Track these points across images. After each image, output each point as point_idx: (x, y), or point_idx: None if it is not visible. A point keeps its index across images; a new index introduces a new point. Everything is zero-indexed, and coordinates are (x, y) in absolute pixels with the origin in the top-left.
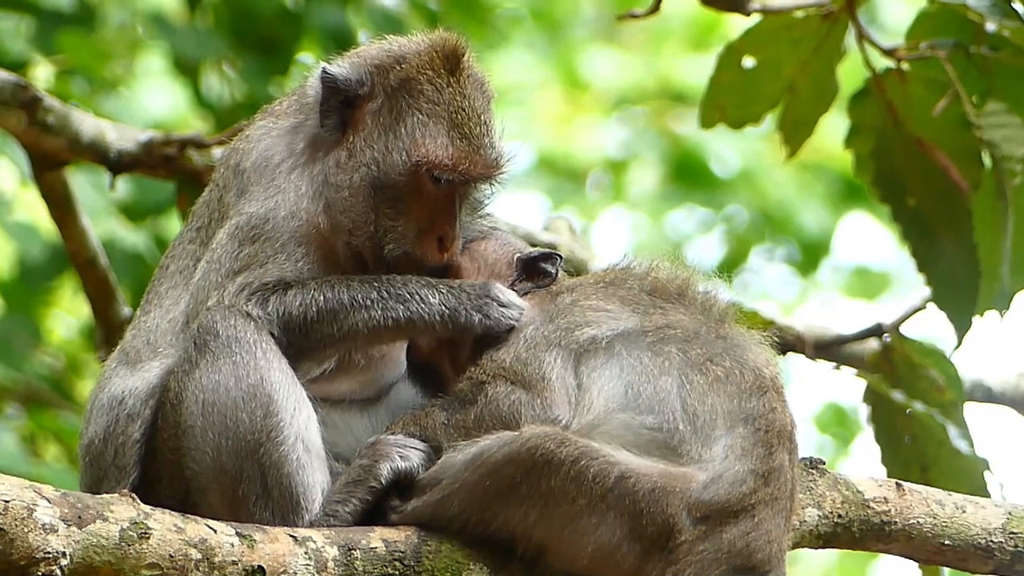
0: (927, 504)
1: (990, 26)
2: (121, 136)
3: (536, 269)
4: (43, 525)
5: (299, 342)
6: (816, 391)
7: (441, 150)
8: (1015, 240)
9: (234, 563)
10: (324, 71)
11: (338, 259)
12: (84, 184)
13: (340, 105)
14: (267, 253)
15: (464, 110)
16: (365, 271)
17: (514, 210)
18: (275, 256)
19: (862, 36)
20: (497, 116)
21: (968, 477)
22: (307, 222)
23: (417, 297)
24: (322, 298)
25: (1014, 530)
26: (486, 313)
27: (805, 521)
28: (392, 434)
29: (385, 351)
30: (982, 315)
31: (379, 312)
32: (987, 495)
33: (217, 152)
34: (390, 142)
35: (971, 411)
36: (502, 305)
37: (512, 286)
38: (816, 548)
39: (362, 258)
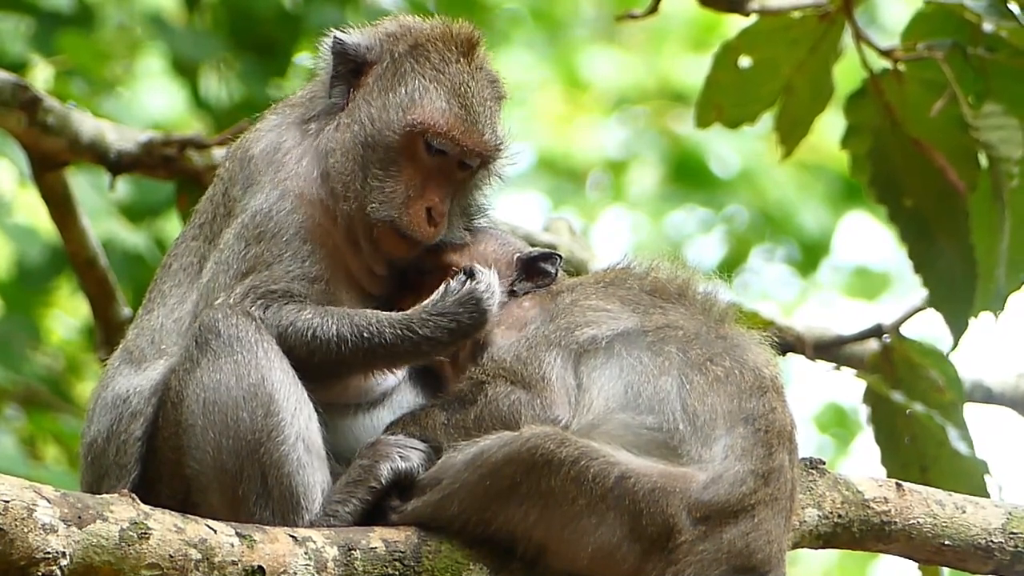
0: (927, 504)
1: (987, 27)
2: (121, 136)
3: (536, 269)
4: (43, 525)
5: (292, 359)
6: (816, 391)
7: (438, 114)
8: (1011, 241)
9: (234, 563)
10: (335, 38)
11: (343, 254)
12: (84, 185)
13: (349, 74)
14: (273, 253)
15: (469, 87)
16: (365, 261)
17: (514, 210)
18: (281, 256)
19: (859, 36)
20: (505, 116)
21: (968, 478)
22: (311, 215)
23: (408, 348)
24: (310, 333)
25: (1014, 530)
26: (474, 312)
27: (805, 521)
28: (392, 434)
29: None
30: (978, 316)
31: (367, 357)
32: (987, 496)
33: (217, 152)
34: (388, 100)
35: (971, 412)
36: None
37: (512, 286)
38: (816, 548)
39: (356, 236)
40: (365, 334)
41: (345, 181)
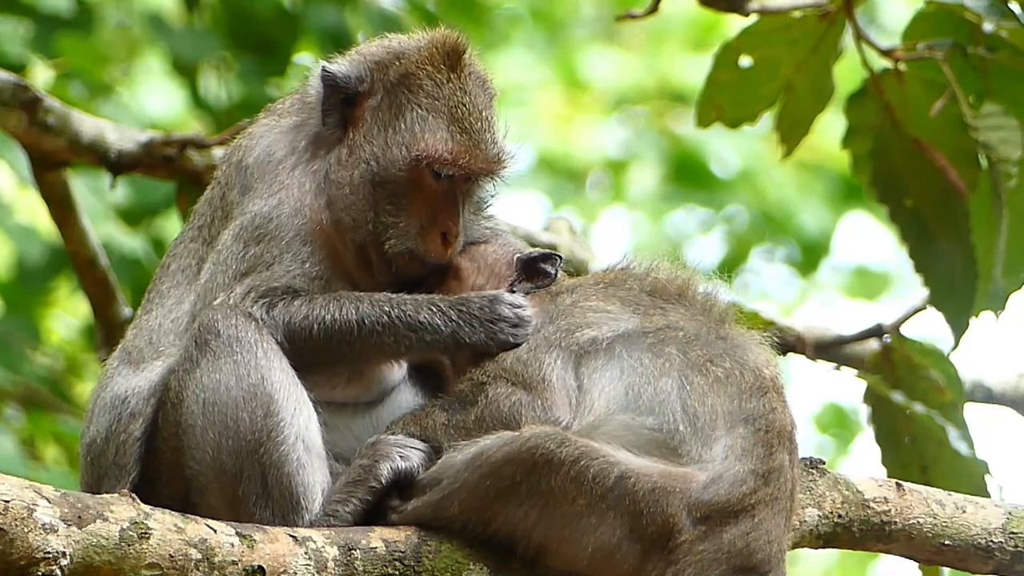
0: (927, 504)
1: (987, 26)
2: (121, 136)
3: (536, 269)
4: (43, 525)
5: (302, 354)
6: (816, 391)
7: (441, 144)
8: (1010, 241)
9: (234, 563)
10: (324, 69)
11: (343, 257)
12: (82, 188)
13: (341, 103)
14: (273, 253)
15: (465, 105)
16: (370, 268)
17: (514, 210)
18: (281, 256)
19: (860, 36)
20: (499, 114)
21: (968, 478)
22: (311, 219)
23: (429, 326)
24: (328, 316)
25: (1014, 530)
26: (494, 336)
27: (805, 521)
28: (392, 434)
29: None
30: (978, 316)
31: (389, 338)
32: (987, 496)
33: (217, 152)
34: (390, 137)
35: (971, 412)
36: (513, 326)
37: (512, 286)
38: (816, 548)
39: (367, 255)
40: (386, 305)
41: (355, 217)
